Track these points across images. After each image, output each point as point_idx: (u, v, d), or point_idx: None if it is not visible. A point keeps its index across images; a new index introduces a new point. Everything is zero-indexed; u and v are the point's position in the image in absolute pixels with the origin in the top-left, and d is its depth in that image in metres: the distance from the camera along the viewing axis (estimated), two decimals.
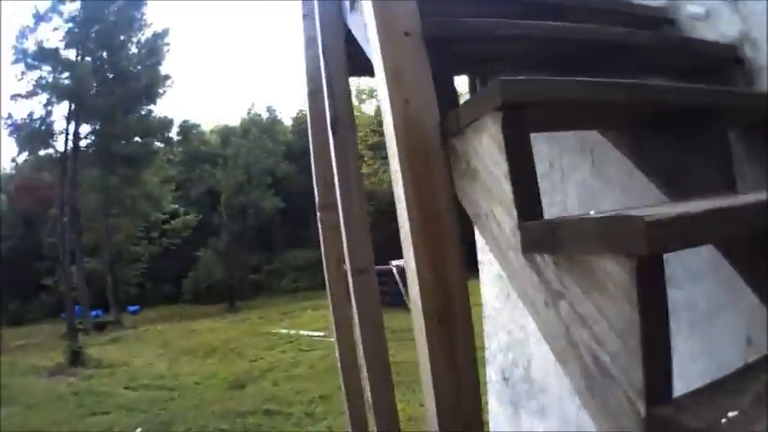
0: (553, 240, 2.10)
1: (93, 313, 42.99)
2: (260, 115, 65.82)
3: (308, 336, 26.66)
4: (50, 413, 16.52)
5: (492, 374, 7.95)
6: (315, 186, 6.52)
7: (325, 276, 6.54)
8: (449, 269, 2.65)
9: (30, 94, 44.41)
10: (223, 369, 20.94)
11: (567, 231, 2.05)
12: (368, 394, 4.96)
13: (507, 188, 2.31)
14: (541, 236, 2.15)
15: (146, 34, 48.08)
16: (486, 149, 2.42)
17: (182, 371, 21.31)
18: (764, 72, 3.14)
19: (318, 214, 6.46)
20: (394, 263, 30.29)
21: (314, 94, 6.14)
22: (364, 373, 4.96)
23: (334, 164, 4.86)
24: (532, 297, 2.25)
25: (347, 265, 4.82)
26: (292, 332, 28.01)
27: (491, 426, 8.16)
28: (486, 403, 9.87)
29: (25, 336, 38.97)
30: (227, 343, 26.70)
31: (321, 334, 26.15)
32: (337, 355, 6.49)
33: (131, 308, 49.51)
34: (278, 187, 59.21)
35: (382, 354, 4.89)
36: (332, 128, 4.79)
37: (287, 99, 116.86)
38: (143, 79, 47.11)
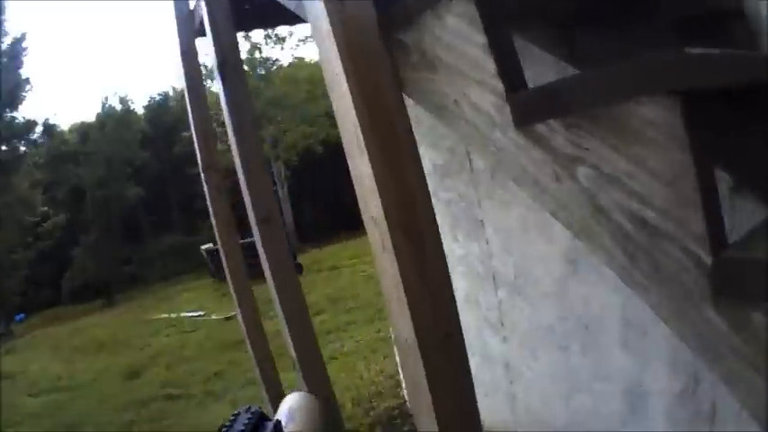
0: (559, 103, 2.01)
1: None
2: (114, 108, 65.34)
3: (188, 317, 27.24)
4: None
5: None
6: (196, 148, 6.84)
7: (217, 237, 7.11)
8: (409, 172, 2.63)
9: None
10: (115, 361, 21.35)
11: (581, 87, 2.01)
12: (291, 349, 5.07)
13: (488, 63, 2.24)
14: (543, 102, 2.08)
15: (6, 41, 47.60)
16: (453, 30, 2.36)
17: (77, 369, 21.70)
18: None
19: (203, 175, 6.87)
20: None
21: (187, 54, 6.71)
22: (283, 324, 5.05)
23: (226, 112, 5.03)
24: (534, 175, 2.15)
25: (251, 216, 5.02)
26: (173, 315, 28.57)
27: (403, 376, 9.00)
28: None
29: None
30: (114, 335, 27.14)
31: (201, 313, 27.06)
32: (240, 318, 7.21)
33: (17, 316, 49.19)
34: (138, 176, 59.47)
35: (300, 301, 5.16)
36: (221, 73, 4.93)
37: (138, 88, 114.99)
38: (4, 85, 46.70)
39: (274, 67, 52.30)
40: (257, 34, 51.48)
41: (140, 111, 69.78)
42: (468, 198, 6.49)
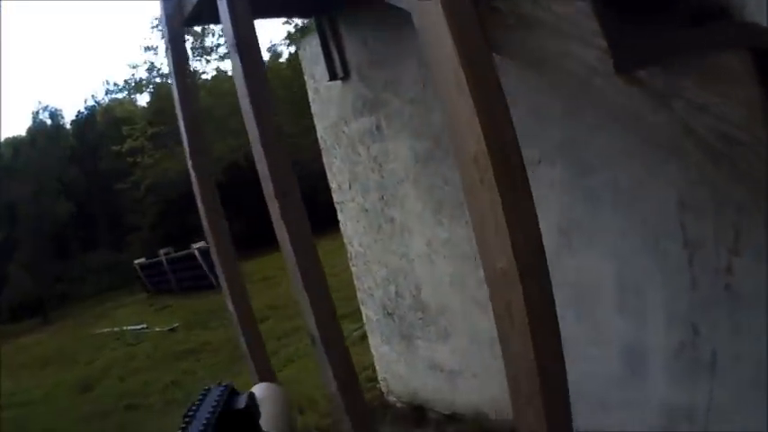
0: (659, 54, 2.76)
1: None
2: (45, 122, 65.18)
3: (131, 330, 26.87)
4: None
5: (371, 314, 8.73)
6: (184, 132, 6.76)
7: (205, 225, 6.83)
8: (502, 118, 2.91)
9: None
10: (64, 376, 21.06)
11: (681, 42, 2.84)
12: (311, 325, 5.00)
13: (589, 22, 2.72)
14: (644, 53, 2.78)
15: None
16: None
17: (28, 385, 21.35)
18: None
19: (189, 161, 6.74)
20: (195, 246, 31.52)
21: (175, 41, 6.71)
22: (304, 300, 4.98)
23: (243, 87, 4.95)
24: (634, 110, 2.87)
25: (271, 190, 4.90)
26: (116, 329, 28.17)
27: (381, 368, 8.96)
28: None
29: None
30: (58, 351, 26.84)
31: (144, 326, 26.70)
32: (232, 308, 7.05)
33: None
34: (67, 193, 58.83)
35: (321, 276, 5.06)
36: (239, 50, 4.94)
37: (68, 101, 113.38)
38: None
39: (199, 80, 52.69)
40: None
41: (68, 125, 69.14)
42: (453, 182, 6.47)
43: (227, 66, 58.49)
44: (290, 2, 6.90)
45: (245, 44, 4.95)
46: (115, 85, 69.84)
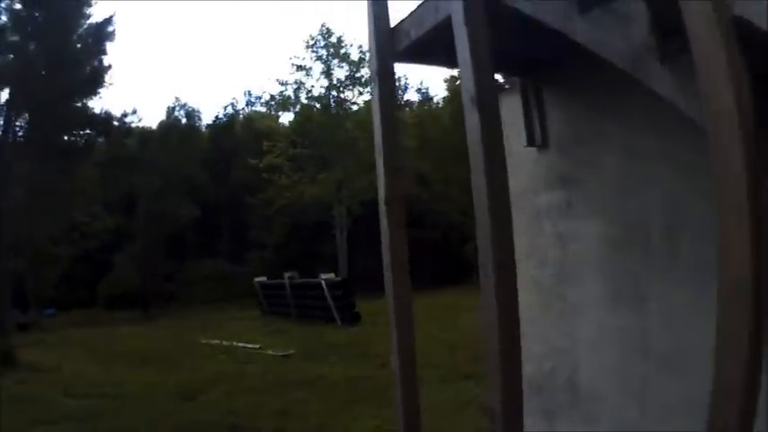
0: None
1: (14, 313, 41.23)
2: (179, 120, 65.14)
3: (243, 347, 25.64)
4: None
5: None
6: (381, 176, 6.19)
7: (387, 275, 6.25)
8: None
9: None
10: (164, 379, 19.82)
11: None
12: (496, 402, 4.64)
13: None
14: None
15: (91, 20, 45.99)
16: None
17: (120, 379, 20.10)
18: None
19: (383, 208, 6.16)
20: (323, 276, 30.52)
21: (383, 76, 6.10)
22: (495, 375, 4.64)
23: (478, 145, 4.61)
24: None
25: (487, 259, 4.57)
26: (225, 343, 26.98)
27: None
28: None
29: None
30: (160, 352, 25.51)
31: (257, 346, 25.36)
32: (396, 355, 6.39)
33: (47, 310, 48.33)
34: (193, 195, 58.28)
35: (518, 355, 4.66)
36: (478, 104, 4.56)
37: (205, 104, 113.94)
38: (86, 69, 45.22)
39: (348, 110, 53.47)
40: (339, 72, 51.00)
41: (204, 129, 70.42)
42: (637, 272, 6.17)
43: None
44: (502, 59, 5.76)
45: (485, 97, 4.62)
46: (257, 98, 69.32)
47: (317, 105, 55.18)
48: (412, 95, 66.15)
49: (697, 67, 2.91)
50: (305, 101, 56.00)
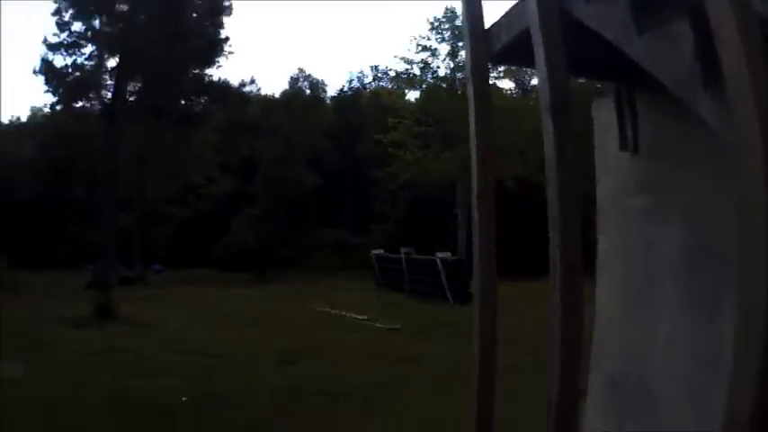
0: None
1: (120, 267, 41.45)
2: (303, 89, 65.20)
3: (352, 317, 25.23)
4: (83, 368, 14.83)
5: (595, 384, 7.78)
6: (474, 169, 6.29)
7: (476, 264, 6.25)
8: None
9: (72, 45, 43.11)
10: (269, 342, 19.53)
11: None
12: (553, 394, 4.67)
13: None
14: None
15: None
16: None
17: (224, 338, 19.88)
18: None
19: (476, 201, 6.26)
20: (439, 254, 30.07)
21: (478, 76, 6.17)
22: (554, 361, 4.71)
23: (552, 150, 4.68)
24: None
25: (556, 260, 4.61)
26: (335, 312, 26.60)
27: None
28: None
29: (44, 283, 37.68)
30: (268, 315, 25.36)
31: (366, 317, 24.98)
32: (477, 326, 6.32)
33: (155, 266, 48.68)
34: (316, 164, 58.18)
35: (577, 355, 4.71)
36: (552, 111, 4.66)
37: (329, 76, 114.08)
38: (202, 39, 45.69)
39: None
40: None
41: (327, 100, 70.46)
42: (713, 281, 5.67)
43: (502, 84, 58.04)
44: (596, 65, 6.20)
45: (560, 105, 4.65)
46: (384, 73, 68.71)
47: (444, 85, 54.82)
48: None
49: (728, 94, 2.97)
50: (431, 80, 56.04)
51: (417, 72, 56.35)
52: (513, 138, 43.79)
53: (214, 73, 49.47)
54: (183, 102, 48.70)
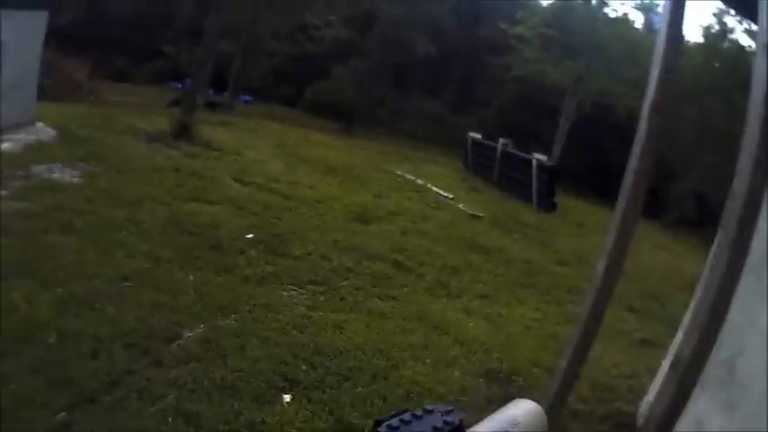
0: None
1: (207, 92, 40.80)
2: None
3: (436, 191, 24.29)
4: (144, 184, 14.22)
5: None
6: (654, 85, 6.14)
7: (626, 187, 6.22)
8: None
9: None
10: (345, 194, 18.84)
11: None
12: (686, 351, 4.84)
13: None
14: None
15: None
16: None
17: (299, 180, 19.24)
18: None
19: (646, 113, 6.16)
20: (536, 156, 29.47)
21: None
22: (693, 332, 4.88)
23: (761, 92, 4.50)
24: None
25: (728, 212, 4.81)
26: (420, 182, 25.67)
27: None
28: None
29: (127, 93, 37.39)
30: (349, 168, 24.43)
31: (451, 196, 24.00)
32: (597, 280, 6.29)
33: (244, 97, 48.51)
34: (434, 35, 56.26)
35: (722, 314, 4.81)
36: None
37: None
38: None
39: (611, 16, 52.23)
40: None
41: None
42: None
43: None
44: None
45: None
46: None
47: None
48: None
49: None
50: None
51: None
52: (633, 73, 41.36)
53: None
54: None
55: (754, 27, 5.88)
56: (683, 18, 6.31)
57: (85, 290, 7.98)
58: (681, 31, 6.30)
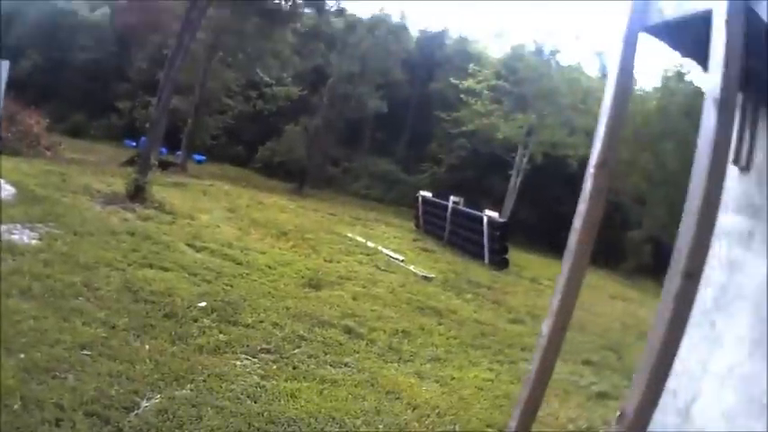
0: None
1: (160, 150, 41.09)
2: (390, 16, 64.16)
3: (387, 255, 24.38)
4: (100, 248, 14.32)
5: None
6: (601, 136, 5.53)
7: (571, 246, 5.48)
8: None
9: None
10: (296, 259, 19.04)
11: None
12: (632, 405, 4.30)
13: None
14: None
15: None
16: None
17: (251, 245, 19.40)
18: None
19: (591, 171, 5.45)
20: (486, 213, 29.71)
21: (627, 44, 5.51)
22: (640, 382, 4.36)
23: (708, 147, 4.22)
24: None
25: (679, 264, 4.18)
26: (370, 244, 25.81)
27: None
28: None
29: (82, 151, 37.77)
30: (300, 231, 24.67)
31: (401, 258, 24.11)
32: (544, 340, 5.46)
33: (197, 156, 49.21)
34: (385, 91, 57.55)
35: (669, 367, 4.39)
36: (719, 107, 4.24)
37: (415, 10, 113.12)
38: None
39: (561, 63, 53.71)
40: None
41: (414, 33, 69.77)
42: None
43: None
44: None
45: (728, 102, 4.10)
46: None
47: (530, 48, 55.23)
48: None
49: None
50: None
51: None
52: (584, 120, 43.63)
53: None
54: None
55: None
56: (632, 68, 5.70)
57: (47, 357, 8.10)
58: (630, 81, 5.85)
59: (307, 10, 51.75)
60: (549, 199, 47.98)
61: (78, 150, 36.77)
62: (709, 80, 4.30)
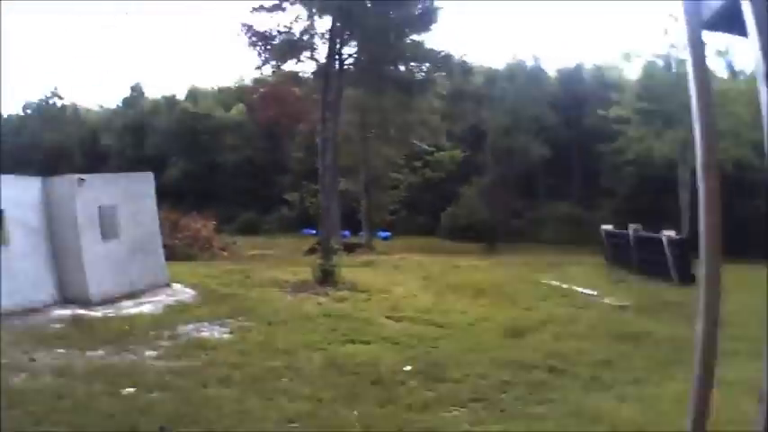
0: None
1: (342, 234, 41.68)
2: (524, 61, 65.16)
3: (581, 292, 24.33)
4: (298, 334, 14.80)
5: None
6: (698, 143, 5.13)
7: (702, 242, 4.96)
8: None
9: (275, 8, 43.35)
10: (495, 313, 19.08)
11: None
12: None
13: None
14: None
15: None
16: None
17: (450, 308, 19.59)
18: None
19: (701, 173, 5.12)
20: (665, 233, 29.35)
21: (694, 44, 5.12)
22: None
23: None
24: None
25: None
26: (564, 286, 25.78)
27: None
28: None
29: (260, 246, 38.58)
30: (496, 286, 24.75)
31: (595, 293, 24.09)
32: (698, 340, 5.04)
33: (382, 233, 49.78)
34: (542, 136, 58.07)
35: None
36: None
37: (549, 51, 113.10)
38: (418, 5, 45.23)
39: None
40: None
41: (551, 73, 69.75)
42: None
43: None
44: None
45: None
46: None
47: (660, 62, 54.25)
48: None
49: None
50: (650, 58, 55.51)
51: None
52: (726, 119, 42.56)
53: (430, 40, 49.36)
54: (402, 68, 48.20)
55: None
56: (706, 67, 6.23)
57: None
58: (708, 80, 5.20)
59: (440, 73, 51.41)
60: (722, 207, 46.40)
61: (256, 246, 37.81)
62: (754, 56, 4.14)
